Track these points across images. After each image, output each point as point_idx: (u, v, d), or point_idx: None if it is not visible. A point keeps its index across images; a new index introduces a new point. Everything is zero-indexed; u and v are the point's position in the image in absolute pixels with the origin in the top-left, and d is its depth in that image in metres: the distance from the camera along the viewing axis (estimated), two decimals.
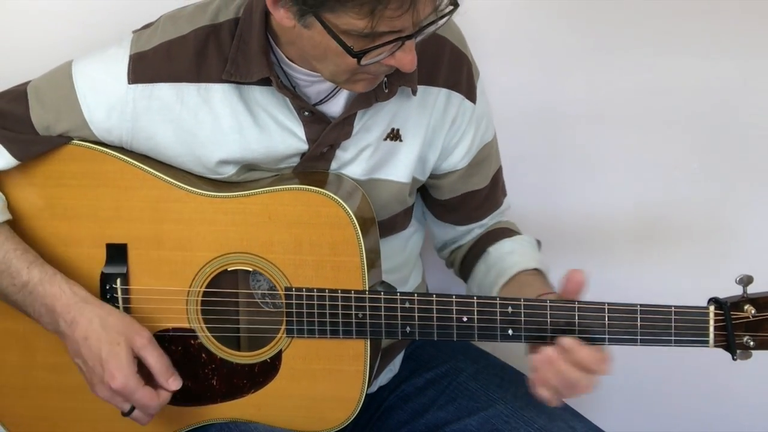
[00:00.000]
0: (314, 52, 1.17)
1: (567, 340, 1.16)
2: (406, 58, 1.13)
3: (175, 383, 1.24)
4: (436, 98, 1.33)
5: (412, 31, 1.10)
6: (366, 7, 1.05)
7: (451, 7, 1.12)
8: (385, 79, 1.26)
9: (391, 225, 1.39)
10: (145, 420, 1.25)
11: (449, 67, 1.33)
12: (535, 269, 1.37)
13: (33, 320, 1.27)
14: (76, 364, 1.25)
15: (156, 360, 1.23)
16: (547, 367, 1.17)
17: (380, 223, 1.35)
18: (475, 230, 1.47)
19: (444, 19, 1.13)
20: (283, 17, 1.14)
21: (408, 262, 1.46)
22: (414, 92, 1.30)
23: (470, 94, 1.36)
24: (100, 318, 1.23)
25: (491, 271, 1.39)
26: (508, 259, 1.39)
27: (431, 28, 1.12)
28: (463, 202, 1.43)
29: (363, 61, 1.11)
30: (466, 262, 1.47)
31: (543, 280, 1.36)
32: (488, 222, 1.47)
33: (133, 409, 1.23)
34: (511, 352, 1.54)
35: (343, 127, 1.28)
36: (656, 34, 1.68)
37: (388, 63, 1.14)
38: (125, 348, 1.22)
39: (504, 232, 1.46)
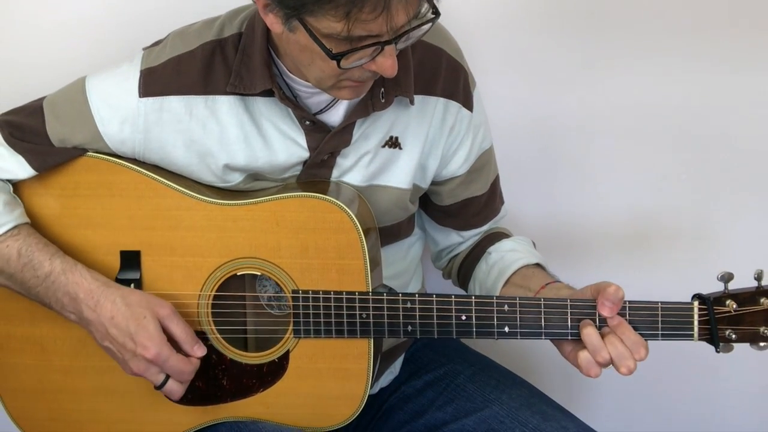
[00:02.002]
0: (301, 57, 1.20)
1: (618, 318, 1.20)
2: (386, 63, 1.14)
3: (200, 350, 1.27)
4: (434, 107, 1.36)
5: (389, 37, 1.12)
6: (341, 9, 1.07)
7: (433, 16, 1.14)
8: (383, 89, 1.29)
9: (395, 232, 1.42)
10: (177, 392, 1.26)
11: (446, 77, 1.36)
12: (537, 264, 1.40)
13: (55, 313, 1.28)
14: (104, 348, 1.27)
15: (181, 329, 1.26)
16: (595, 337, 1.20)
17: (384, 229, 1.37)
18: (474, 237, 1.49)
19: (425, 27, 1.15)
20: (272, 23, 1.17)
21: (409, 268, 1.49)
22: (411, 102, 1.32)
23: (467, 103, 1.39)
24: (122, 297, 1.25)
25: (493, 269, 1.41)
26: (509, 256, 1.41)
27: (411, 36, 1.14)
28: (464, 208, 1.46)
29: (343, 64, 1.13)
30: (465, 265, 1.49)
31: (545, 272, 1.39)
32: (486, 228, 1.49)
33: (166, 380, 1.25)
34: (507, 356, 1.59)
35: (343, 135, 1.31)
36: (646, 51, 1.72)
37: (369, 68, 1.16)
38: (152, 320, 1.24)
39: (502, 234, 1.49)
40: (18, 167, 1.31)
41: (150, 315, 1.24)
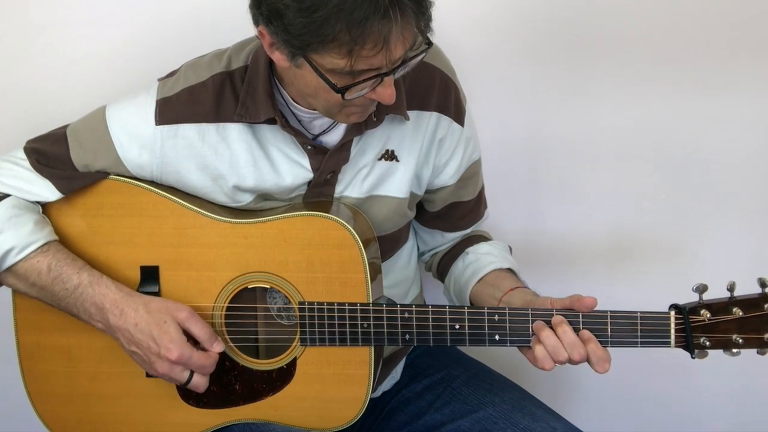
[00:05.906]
0: (307, 89, 1.27)
1: (586, 332, 1.28)
2: (386, 93, 1.22)
3: (219, 346, 1.34)
4: (428, 121, 1.43)
5: (388, 69, 1.19)
6: (345, 48, 1.14)
7: (426, 46, 1.22)
8: (374, 109, 1.36)
9: (396, 238, 1.49)
10: (203, 384, 1.34)
11: (439, 94, 1.43)
12: (509, 269, 1.48)
13: (83, 322, 1.36)
14: (130, 353, 1.34)
15: (200, 329, 1.33)
16: (548, 335, 1.28)
17: (385, 237, 1.44)
18: (456, 238, 1.58)
19: (418, 58, 1.22)
20: (279, 59, 1.24)
21: (408, 277, 1.56)
22: (406, 118, 1.39)
23: (458, 118, 1.46)
24: (144, 305, 1.33)
25: (468, 268, 1.50)
26: (484, 258, 1.50)
27: (407, 66, 1.22)
28: (451, 211, 1.53)
29: (346, 96, 1.21)
30: (444, 262, 1.58)
31: (515, 277, 1.46)
32: (469, 231, 1.58)
33: (191, 377, 1.33)
34: (499, 362, 1.65)
35: (341, 152, 1.39)
36: (627, 79, 1.78)
37: (370, 97, 1.23)
38: (172, 324, 1.32)
39: (481, 237, 1.57)
40: (46, 191, 1.39)
41: (170, 319, 1.32)
